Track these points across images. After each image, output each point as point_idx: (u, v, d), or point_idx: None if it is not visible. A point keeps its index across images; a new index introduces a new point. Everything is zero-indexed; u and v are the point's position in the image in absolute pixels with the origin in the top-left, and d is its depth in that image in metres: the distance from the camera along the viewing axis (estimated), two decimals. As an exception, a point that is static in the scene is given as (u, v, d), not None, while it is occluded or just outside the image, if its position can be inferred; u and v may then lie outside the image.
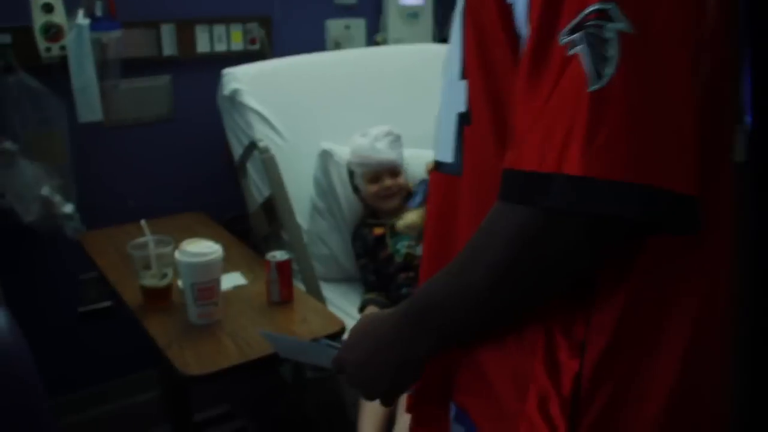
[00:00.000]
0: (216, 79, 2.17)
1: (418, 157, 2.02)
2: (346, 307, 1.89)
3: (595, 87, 0.55)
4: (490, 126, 0.70)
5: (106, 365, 2.27)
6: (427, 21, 2.57)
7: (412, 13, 2.52)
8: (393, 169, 1.94)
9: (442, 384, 0.80)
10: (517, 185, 0.60)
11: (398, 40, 2.50)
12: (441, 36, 2.59)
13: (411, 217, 1.83)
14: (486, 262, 0.63)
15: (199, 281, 1.39)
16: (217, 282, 1.43)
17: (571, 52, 0.56)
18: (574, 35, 0.56)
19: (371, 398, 0.81)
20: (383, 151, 1.91)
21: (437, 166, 0.82)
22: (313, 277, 1.73)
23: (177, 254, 1.41)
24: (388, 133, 1.94)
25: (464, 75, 0.73)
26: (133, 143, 2.22)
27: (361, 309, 1.87)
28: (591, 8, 0.56)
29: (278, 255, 1.54)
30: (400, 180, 1.96)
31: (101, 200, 2.12)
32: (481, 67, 0.70)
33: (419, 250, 1.81)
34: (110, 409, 2.27)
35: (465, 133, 0.75)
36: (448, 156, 0.78)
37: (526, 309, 0.67)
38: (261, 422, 2.18)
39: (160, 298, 1.51)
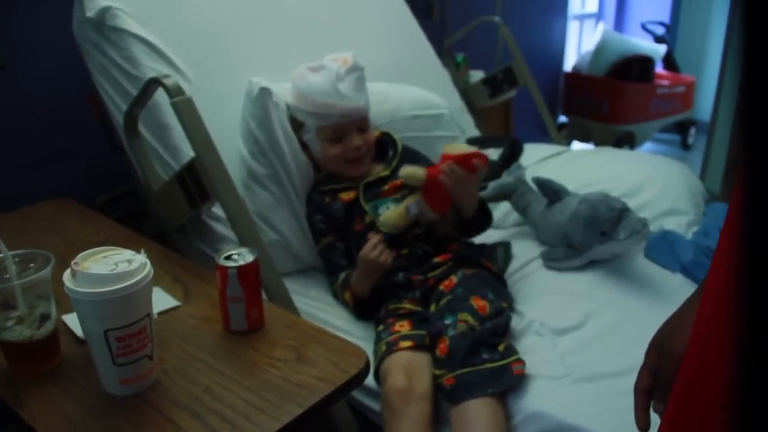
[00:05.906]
0: (61, 4, 1.48)
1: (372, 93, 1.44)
2: (313, 312, 1.31)
3: None
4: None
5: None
6: None
7: None
8: (362, 122, 1.37)
9: None
10: None
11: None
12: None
13: (391, 216, 1.29)
14: None
15: (119, 325, 0.77)
16: (149, 319, 0.81)
17: None
18: None
19: None
20: (350, 97, 1.32)
21: None
22: (278, 278, 1.13)
23: (68, 282, 0.77)
24: (353, 68, 1.34)
25: None
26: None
27: (337, 295, 1.34)
28: None
29: (238, 255, 0.93)
30: (370, 135, 1.39)
31: None
32: None
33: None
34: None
35: None
36: None
37: None
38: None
39: (39, 358, 0.86)
